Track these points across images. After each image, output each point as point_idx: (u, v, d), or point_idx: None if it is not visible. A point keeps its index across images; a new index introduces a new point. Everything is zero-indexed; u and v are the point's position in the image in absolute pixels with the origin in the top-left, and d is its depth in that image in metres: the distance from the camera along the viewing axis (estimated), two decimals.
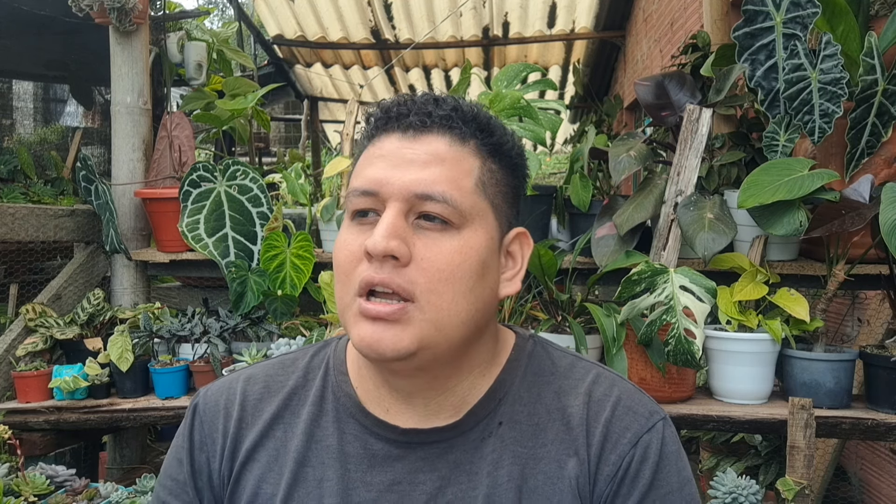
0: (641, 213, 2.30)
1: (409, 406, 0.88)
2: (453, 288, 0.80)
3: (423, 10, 5.96)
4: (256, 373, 0.97)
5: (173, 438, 0.97)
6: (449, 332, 0.81)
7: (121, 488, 2.27)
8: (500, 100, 2.40)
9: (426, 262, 0.80)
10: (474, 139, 0.85)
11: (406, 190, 0.80)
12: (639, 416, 0.88)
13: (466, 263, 0.81)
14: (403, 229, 0.80)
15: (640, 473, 0.85)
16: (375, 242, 0.78)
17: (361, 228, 0.82)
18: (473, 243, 0.82)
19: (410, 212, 0.81)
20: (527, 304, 2.34)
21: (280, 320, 2.60)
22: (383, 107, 0.86)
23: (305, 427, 0.90)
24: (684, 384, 2.16)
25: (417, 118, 0.83)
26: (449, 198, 0.80)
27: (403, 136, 0.83)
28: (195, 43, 3.31)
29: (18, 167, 3.19)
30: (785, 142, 2.26)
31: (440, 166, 0.81)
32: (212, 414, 0.93)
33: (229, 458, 0.91)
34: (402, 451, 0.87)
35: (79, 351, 2.53)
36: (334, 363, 0.95)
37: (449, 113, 0.84)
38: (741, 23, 2.33)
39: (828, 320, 2.28)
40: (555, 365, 0.93)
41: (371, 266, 0.79)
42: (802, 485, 1.93)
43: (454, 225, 0.81)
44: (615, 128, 5.70)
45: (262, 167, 4.33)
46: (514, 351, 0.93)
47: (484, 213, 0.84)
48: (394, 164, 0.82)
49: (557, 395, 0.90)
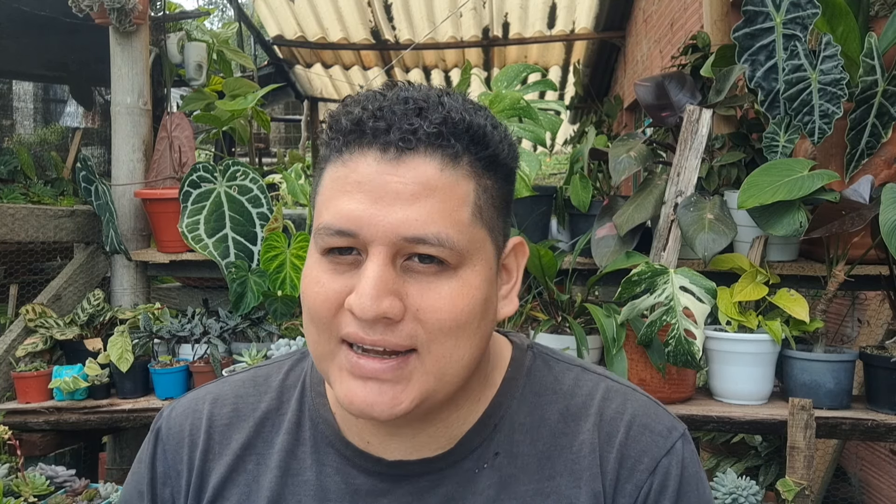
0: (641, 214, 2.30)
1: (395, 438, 0.78)
2: (456, 336, 0.70)
3: (423, 10, 5.97)
4: (225, 392, 0.85)
5: (133, 464, 0.86)
6: (450, 379, 0.72)
7: (120, 488, 2.27)
8: (500, 100, 2.40)
9: (423, 312, 0.68)
10: (467, 155, 0.70)
11: (393, 233, 0.67)
12: (656, 437, 0.78)
13: (469, 307, 0.70)
14: (393, 280, 0.68)
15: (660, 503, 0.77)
16: (364, 307, 0.66)
17: (338, 268, 0.70)
18: (473, 282, 0.71)
19: (398, 254, 0.69)
20: (527, 305, 2.35)
21: (280, 321, 2.60)
22: (353, 117, 0.70)
23: (280, 459, 0.80)
24: (684, 385, 2.16)
25: (400, 135, 0.68)
26: (444, 239, 0.68)
27: (383, 156, 0.68)
28: (195, 43, 3.32)
29: (18, 167, 3.19)
30: (785, 142, 2.26)
31: (431, 198, 0.68)
32: (175, 442, 0.83)
33: (195, 496, 0.81)
34: (387, 485, 0.77)
35: (79, 351, 2.53)
36: (311, 382, 0.84)
37: (438, 129, 0.68)
38: (741, 23, 2.33)
39: (828, 321, 2.28)
40: (558, 381, 0.82)
41: (357, 324, 0.68)
42: (802, 485, 1.93)
43: (451, 265, 0.69)
44: (615, 128, 5.70)
45: (262, 168, 4.33)
46: (510, 368, 0.82)
47: (482, 244, 0.72)
48: (374, 196, 0.68)
49: (563, 417, 0.80)
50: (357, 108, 0.70)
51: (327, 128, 0.74)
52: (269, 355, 2.41)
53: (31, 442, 2.44)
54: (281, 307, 2.57)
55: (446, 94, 0.72)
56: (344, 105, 0.73)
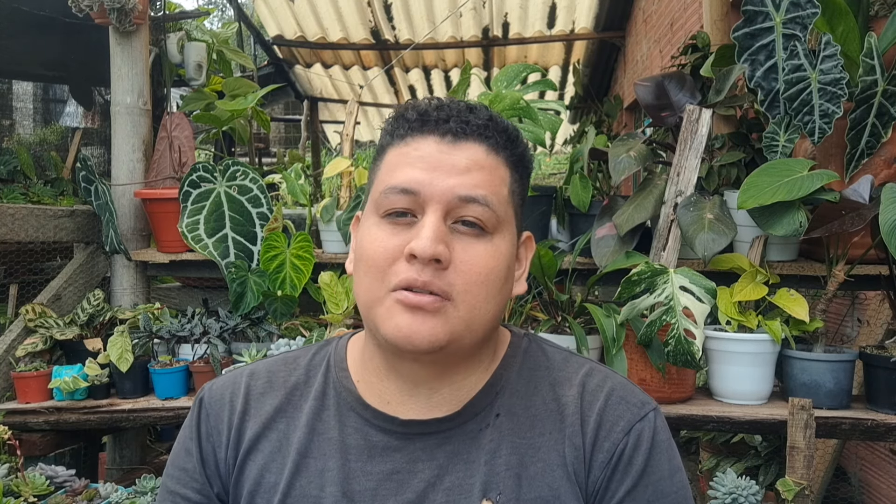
0: (641, 214, 2.30)
1: (412, 397, 0.91)
2: (486, 290, 0.85)
3: (422, 10, 5.97)
4: (259, 368, 1.00)
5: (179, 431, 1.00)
6: (476, 328, 0.86)
7: (120, 489, 2.27)
8: (499, 100, 2.40)
9: (464, 265, 0.83)
10: (504, 150, 0.88)
11: (450, 192, 0.83)
12: (631, 406, 0.91)
13: (498, 268, 0.86)
14: (445, 233, 0.83)
15: (633, 460, 0.88)
16: (424, 247, 0.80)
17: (396, 228, 0.84)
18: (503, 248, 0.87)
19: (448, 216, 0.84)
20: (527, 305, 2.34)
21: (280, 321, 2.60)
22: (419, 108, 0.88)
23: (307, 420, 0.93)
24: (684, 384, 2.16)
25: (457, 124, 0.85)
26: (490, 202, 0.84)
27: (441, 140, 0.85)
28: (195, 43, 3.32)
29: (18, 167, 3.19)
30: (785, 142, 2.26)
31: (481, 172, 0.85)
32: (217, 406, 0.97)
33: (234, 448, 0.94)
34: (401, 441, 0.90)
35: (78, 351, 2.53)
36: (335, 360, 0.98)
37: (486, 122, 0.87)
38: (741, 23, 2.33)
39: (828, 321, 2.28)
40: (549, 360, 0.97)
41: (413, 267, 0.82)
42: (802, 485, 1.93)
43: (488, 230, 0.85)
44: (615, 128, 5.70)
45: (262, 167, 4.33)
46: (510, 347, 0.97)
47: (511, 221, 0.89)
48: (434, 166, 0.84)
49: (552, 386, 0.94)
50: (422, 105, 0.88)
51: (392, 119, 0.90)
52: (268, 355, 2.41)
53: (30, 442, 2.44)
54: (281, 307, 2.57)
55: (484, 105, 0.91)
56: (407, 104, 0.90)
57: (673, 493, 0.89)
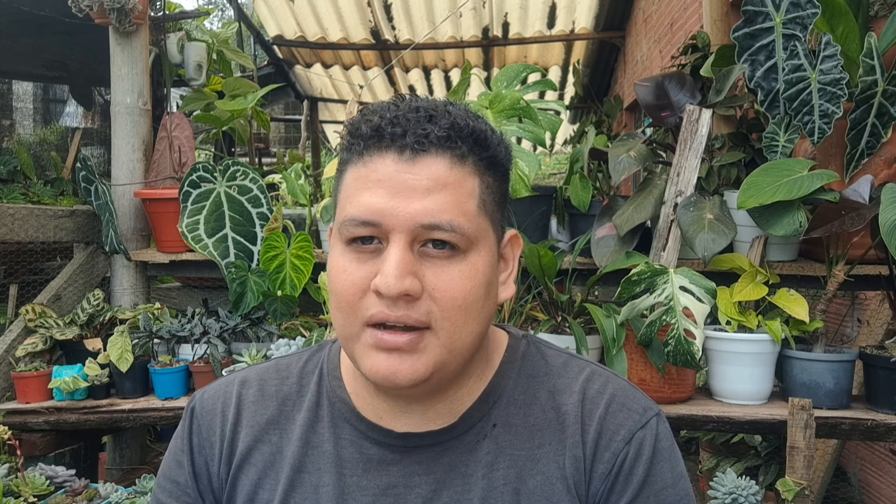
0: (641, 214, 2.30)
1: (406, 413, 0.88)
2: (465, 313, 0.80)
3: (422, 10, 5.97)
4: (251, 376, 0.97)
5: (171, 440, 0.97)
6: (460, 352, 0.82)
7: (120, 489, 2.27)
8: (499, 100, 2.40)
9: (438, 291, 0.79)
10: (472, 156, 0.82)
11: (411, 221, 0.77)
12: (632, 413, 0.88)
13: (476, 288, 0.81)
14: (412, 263, 0.78)
15: (634, 470, 0.85)
16: (389, 285, 0.76)
17: (361, 256, 0.80)
18: (479, 266, 0.81)
19: (415, 241, 0.79)
20: (526, 305, 2.34)
21: (280, 321, 2.60)
22: (372, 124, 0.80)
23: (301, 433, 0.91)
24: (684, 385, 2.16)
25: (414, 138, 0.78)
26: (457, 226, 0.78)
27: (399, 157, 0.79)
28: (195, 43, 3.31)
29: (18, 167, 3.19)
30: (785, 142, 2.26)
31: (444, 192, 0.78)
32: (209, 417, 0.94)
33: (226, 462, 0.92)
34: (397, 455, 0.88)
35: (78, 351, 2.53)
36: (328, 368, 0.95)
37: (447, 132, 0.79)
38: (741, 23, 2.33)
39: (827, 321, 2.28)
40: (548, 364, 0.93)
41: (382, 302, 0.78)
42: (802, 485, 1.93)
43: (461, 248, 0.80)
44: (615, 128, 5.70)
45: (262, 168, 4.33)
46: (507, 353, 0.93)
47: (486, 232, 0.83)
48: (394, 191, 0.78)
49: (552, 394, 0.90)
50: (375, 117, 0.81)
51: (347, 134, 0.83)
52: (268, 355, 2.41)
53: (30, 442, 2.44)
54: (281, 307, 2.57)
55: (451, 104, 0.83)
56: (362, 114, 0.83)
57: (676, 503, 0.87)
